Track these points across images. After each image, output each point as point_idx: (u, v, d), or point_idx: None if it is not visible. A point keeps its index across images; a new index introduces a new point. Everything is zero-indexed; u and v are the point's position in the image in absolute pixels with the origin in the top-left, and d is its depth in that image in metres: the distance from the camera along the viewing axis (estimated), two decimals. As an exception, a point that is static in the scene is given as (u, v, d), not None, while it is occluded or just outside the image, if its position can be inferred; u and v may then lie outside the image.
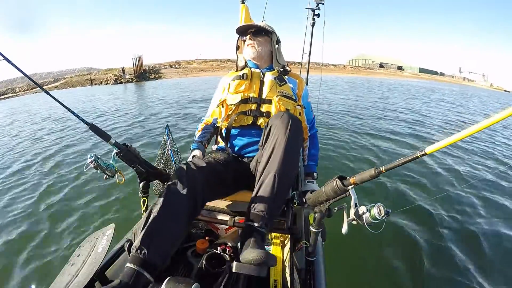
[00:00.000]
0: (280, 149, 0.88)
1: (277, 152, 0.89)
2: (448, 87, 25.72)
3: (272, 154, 0.90)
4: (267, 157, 0.91)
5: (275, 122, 0.94)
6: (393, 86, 18.58)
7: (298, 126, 0.94)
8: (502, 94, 30.35)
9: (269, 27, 1.29)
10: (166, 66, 27.15)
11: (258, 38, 1.28)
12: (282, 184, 0.88)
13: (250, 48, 1.28)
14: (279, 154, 0.88)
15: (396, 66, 55.00)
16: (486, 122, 0.52)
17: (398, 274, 1.82)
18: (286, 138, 0.89)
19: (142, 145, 4.42)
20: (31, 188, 3.07)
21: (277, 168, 0.87)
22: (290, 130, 0.90)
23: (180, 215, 0.82)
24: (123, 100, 10.08)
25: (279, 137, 0.90)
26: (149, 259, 0.70)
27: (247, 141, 1.19)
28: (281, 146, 0.89)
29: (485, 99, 17.83)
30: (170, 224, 0.78)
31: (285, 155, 0.88)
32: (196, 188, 0.87)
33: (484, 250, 2.10)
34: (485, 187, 3.12)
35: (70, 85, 18.66)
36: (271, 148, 0.91)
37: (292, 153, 0.91)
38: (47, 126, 6.37)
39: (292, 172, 0.94)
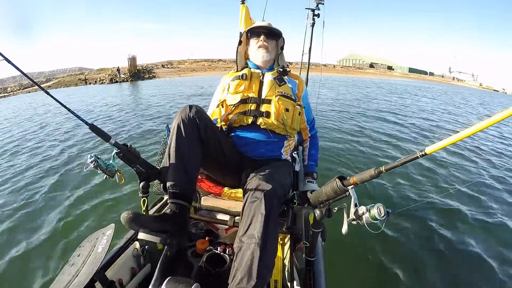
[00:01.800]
0: (258, 219, 0.79)
1: (256, 221, 0.79)
2: (436, 86, 26.80)
3: (251, 223, 0.80)
4: (246, 226, 0.80)
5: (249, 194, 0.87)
6: (379, 84, 20.05)
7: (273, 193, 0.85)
8: (489, 93, 31.36)
9: (279, 31, 1.30)
10: (159, 66, 27.34)
11: (271, 41, 1.29)
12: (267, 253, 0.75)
13: (263, 50, 1.27)
14: (258, 224, 0.78)
15: (386, 66, 55.42)
16: (486, 122, 0.52)
17: (398, 274, 1.82)
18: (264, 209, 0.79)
19: (142, 145, 4.42)
20: (31, 188, 3.07)
21: (258, 237, 0.75)
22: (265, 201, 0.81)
23: (193, 145, 0.96)
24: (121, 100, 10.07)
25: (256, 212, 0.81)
26: (183, 192, 0.91)
27: (246, 141, 1.19)
28: (259, 216, 0.79)
29: (467, 96, 19.44)
30: (187, 159, 0.94)
31: (265, 223, 0.78)
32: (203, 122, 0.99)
33: (484, 249, 2.10)
34: (485, 187, 3.13)
35: (63, 85, 18.70)
36: (249, 218, 0.81)
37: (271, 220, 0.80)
38: (47, 126, 6.36)
39: (274, 238, 0.83)
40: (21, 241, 2.17)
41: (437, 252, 2.05)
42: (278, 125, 1.17)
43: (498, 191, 3.05)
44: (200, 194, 1.15)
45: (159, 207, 1.37)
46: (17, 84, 18.99)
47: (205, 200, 1.14)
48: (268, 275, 0.76)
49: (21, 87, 18.20)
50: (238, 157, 1.16)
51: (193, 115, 0.97)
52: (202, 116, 1.00)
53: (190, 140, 0.96)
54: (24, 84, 18.71)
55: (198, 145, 0.99)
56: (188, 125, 0.96)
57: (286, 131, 1.20)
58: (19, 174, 3.52)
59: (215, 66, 29.59)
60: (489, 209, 2.68)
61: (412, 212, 2.48)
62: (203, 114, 1.02)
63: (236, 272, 0.73)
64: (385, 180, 3.01)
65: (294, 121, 1.20)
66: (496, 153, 4.62)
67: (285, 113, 1.17)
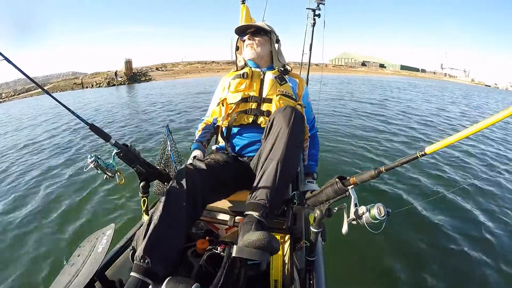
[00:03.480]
0: (283, 139, 0.89)
1: (280, 141, 0.89)
2: (425, 82, 28.60)
3: (275, 144, 0.90)
4: (270, 146, 0.91)
5: (278, 115, 0.95)
6: (368, 81, 21.98)
7: (300, 119, 0.95)
8: (481, 88, 32.85)
9: (268, 26, 1.28)
10: (153, 69, 27.72)
11: (257, 38, 1.27)
12: (285, 172, 0.87)
13: (250, 48, 1.27)
14: (282, 143, 0.88)
15: (378, 64, 55.87)
16: (486, 122, 0.52)
17: (398, 274, 1.82)
18: (289, 129, 0.89)
19: (142, 145, 4.42)
20: (31, 188, 3.07)
21: (280, 156, 0.87)
22: (293, 121, 0.91)
23: (180, 220, 0.82)
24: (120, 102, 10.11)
25: (282, 128, 0.90)
26: (152, 268, 0.71)
27: (247, 141, 1.19)
28: (284, 136, 0.89)
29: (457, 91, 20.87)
30: (171, 231, 0.79)
31: (288, 144, 0.88)
32: (195, 192, 0.87)
33: (484, 249, 2.10)
34: (486, 186, 3.12)
35: (59, 89, 18.84)
36: (274, 138, 0.91)
37: (294, 144, 0.92)
38: (46, 126, 6.37)
39: (294, 163, 0.94)
40: (21, 241, 2.17)
41: (437, 251, 2.05)
42: None
43: (499, 191, 3.05)
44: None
45: None
46: (11, 90, 19.05)
47: (205, 200, 1.13)
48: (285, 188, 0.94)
49: (15, 93, 18.23)
50: (238, 165, 1.13)
51: (189, 187, 0.86)
52: (197, 183, 0.89)
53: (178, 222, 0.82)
54: (19, 90, 18.80)
55: (189, 221, 0.87)
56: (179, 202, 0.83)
57: None
58: (19, 174, 3.52)
59: (208, 68, 30.07)
60: (489, 208, 2.68)
61: (412, 212, 2.48)
62: (198, 177, 0.91)
63: (260, 181, 0.87)
64: (385, 180, 3.01)
65: None
66: (497, 152, 4.62)
67: None
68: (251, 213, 0.82)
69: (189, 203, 0.84)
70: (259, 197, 0.84)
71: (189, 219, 0.86)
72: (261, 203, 0.83)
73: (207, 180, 0.94)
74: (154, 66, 30.02)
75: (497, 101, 16.91)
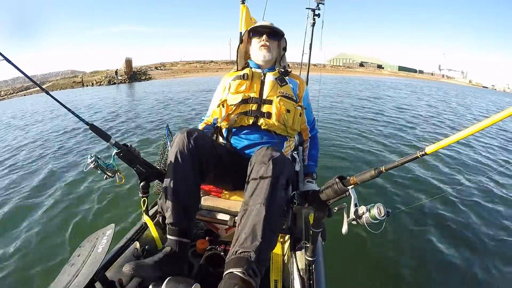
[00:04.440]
0: (264, 183, 0.79)
1: (262, 187, 0.79)
2: (420, 83, 29.07)
3: (256, 190, 0.80)
4: (249, 194, 0.81)
5: (256, 163, 0.86)
6: (365, 82, 22.36)
7: (280, 163, 0.84)
8: (479, 89, 33.41)
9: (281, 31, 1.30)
10: (152, 68, 27.87)
11: (273, 41, 1.27)
12: (271, 215, 0.75)
13: (265, 50, 1.25)
14: (264, 188, 0.78)
15: (376, 65, 56.21)
16: (486, 122, 0.52)
17: (398, 274, 1.82)
18: (270, 177, 0.79)
19: (142, 145, 4.42)
20: (31, 188, 3.07)
21: (263, 199, 0.75)
22: (273, 168, 0.80)
23: (190, 181, 0.94)
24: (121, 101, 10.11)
25: (262, 176, 0.81)
26: (182, 228, 0.89)
27: (247, 142, 1.19)
28: (265, 181, 0.79)
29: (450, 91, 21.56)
30: (186, 194, 0.92)
31: (271, 187, 0.78)
32: (200, 153, 0.95)
33: (484, 249, 2.10)
34: (486, 186, 3.12)
35: (58, 88, 18.86)
36: (254, 185, 0.81)
37: (278, 186, 0.81)
38: (46, 125, 6.37)
39: (280, 205, 0.82)
40: (20, 241, 2.17)
41: (437, 251, 2.05)
42: (279, 126, 1.17)
43: (500, 190, 3.05)
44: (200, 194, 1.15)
45: (160, 207, 1.36)
46: (10, 88, 19.07)
47: (205, 200, 1.14)
48: (274, 238, 0.77)
49: (14, 91, 18.25)
50: (240, 163, 1.14)
51: (192, 145, 0.93)
52: (201, 141, 0.95)
53: (189, 172, 0.93)
54: (18, 88, 18.82)
55: (197, 176, 0.96)
56: (186, 157, 0.92)
57: (287, 132, 1.20)
58: (19, 174, 3.52)
59: (207, 68, 30.29)
60: (490, 208, 2.68)
61: (412, 212, 2.48)
62: (202, 138, 0.97)
63: (241, 232, 0.73)
64: (385, 180, 3.01)
65: (295, 122, 1.19)
66: (497, 152, 4.62)
67: (286, 114, 1.17)
68: (231, 270, 0.65)
69: (194, 164, 0.94)
70: (241, 250, 0.69)
71: (198, 179, 0.97)
72: (245, 256, 0.67)
73: (211, 150, 1.01)
74: (153, 65, 30.20)
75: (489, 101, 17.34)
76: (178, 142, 0.93)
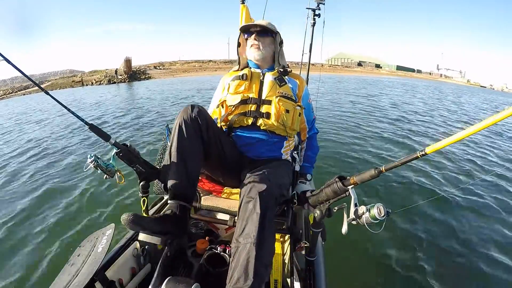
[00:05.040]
0: (254, 219, 0.78)
1: (251, 222, 0.79)
2: (418, 82, 29.70)
3: (246, 225, 0.79)
4: (241, 228, 0.80)
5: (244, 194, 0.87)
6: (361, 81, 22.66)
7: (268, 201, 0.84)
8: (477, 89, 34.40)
9: (273, 27, 1.27)
10: (151, 67, 27.91)
11: (263, 38, 1.25)
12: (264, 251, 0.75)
13: (255, 49, 1.24)
14: (253, 224, 0.78)
15: (374, 64, 56.33)
16: (486, 122, 0.52)
17: (397, 274, 1.82)
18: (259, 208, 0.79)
19: (142, 145, 4.42)
20: (31, 188, 3.07)
21: (254, 236, 0.75)
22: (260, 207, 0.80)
23: (194, 146, 0.96)
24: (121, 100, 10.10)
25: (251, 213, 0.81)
26: (184, 192, 0.92)
27: (247, 142, 1.19)
28: (254, 217, 0.79)
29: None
30: (189, 159, 0.94)
31: (260, 224, 0.77)
32: (205, 122, 0.99)
33: (484, 249, 2.10)
34: (486, 186, 3.12)
35: (58, 87, 18.82)
36: (245, 221, 0.81)
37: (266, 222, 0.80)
38: (46, 126, 6.37)
39: (270, 241, 0.82)
40: (20, 241, 2.17)
41: (437, 251, 2.05)
42: (278, 126, 1.16)
43: (501, 190, 3.05)
44: (200, 194, 1.15)
45: (159, 207, 1.37)
46: (8, 87, 19.08)
47: (205, 200, 1.14)
48: (266, 273, 0.76)
49: (13, 90, 18.25)
50: (238, 157, 1.15)
51: (195, 115, 0.97)
52: (204, 116, 1.00)
53: (192, 141, 0.96)
54: (17, 87, 18.82)
55: (200, 145, 0.99)
56: (190, 125, 0.96)
57: (286, 132, 1.20)
58: (19, 173, 3.52)
59: (205, 67, 30.40)
60: (490, 208, 2.68)
61: (412, 212, 2.48)
62: (205, 113, 1.02)
63: (233, 272, 0.73)
64: (385, 180, 3.00)
65: (294, 122, 1.19)
66: (497, 152, 4.62)
67: (285, 114, 1.16)
68: None
69: (197, 134, 0.97)
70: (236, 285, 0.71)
71: (201, 143, 0.99)
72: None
73: (216, 129, 1.06)
74: (152, 64, 30.24)
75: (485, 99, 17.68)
76: (183, 112, 0.98)
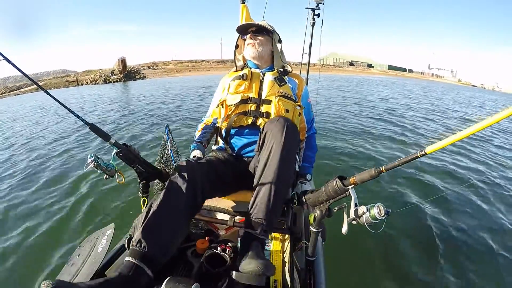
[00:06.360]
0: (276, 157, 0.89)
1: (273, 160, 0.89)
2: (408, 81, 30.91)
3: (268, 162, 0.90)
4: (262, 165, 0.91)
5: (270, 127, 0.95)
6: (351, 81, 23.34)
7: (293, 131, 0.95)
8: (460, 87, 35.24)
9: (270, 26, 1.28)
10: (145, 67, 28.10)
11: (259, 37, 1.26)
12: (279, 192, 0.89)
13: (251, 48, 1.25)
14: (274, 162, 0.89)
15: (366, 64, 56.65)
16: (486, 122, 0.52)
17: (398, 274, 1.82)
18: (282, 145, 0.89)
19: (142, 145, 4.42)
20: (31, 188, 3.07)
21: (273, 177, 0.88)
22: (286, 136, 0.91)
23: (180, 209, 0.83)
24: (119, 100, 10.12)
25: (274, 144, 0.91)
26: (149, 253, 0.69)
27: (246, 141, 1.20)
28: (276, 154, 0.89)
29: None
30: (170, 218, 0.79)
31: (281, 162, 0.89)
32: (196, 183, 0.88)
33: (484, 249, 2.10)
34: (485, 186, 3.12)
35: (52, 87, 18.86)
36: (266, 156, 0.91)
37: (288, 160, 0.92)
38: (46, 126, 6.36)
39: (288, 179, 0.96)
40: (20, 241, 2.17)
41: (438, 251, 2.05)
42: None
43: (499, 190, 3.05)
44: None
45: None
46: (2, 87, 19.12)
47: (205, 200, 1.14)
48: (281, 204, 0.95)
49: (6, 90, 18.28)
50: (238, 165, 1.14)
51: (189, 177, 0.87)
52: (197, 174, 0.90)
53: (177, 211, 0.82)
54: (10, 87, 18.86)
55: (188, 212, 0.87)
56: (179, 192, 0.83)
57: None
58: (19, 173, 3.52)
59: (198, 67, 30.79)
60: (491, 208, 2.68)
61: (412, 212, 2.48)
62: (198, 169, 0.92)
63: (256, 201, 0.88)
64: (385, 180, 3.00)
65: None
66: (497, 152, 4.62)
67: (285, 114, 1.17)
68: (249, 230, 0.86)
69: (189, 193, 0.85)
70: (256, 216, 0.87)
71: (188, 210, 0.87)
72: (259, 221, 0.86)
73: (208, 173, 0.96)
74: (146, 64, 30.52)
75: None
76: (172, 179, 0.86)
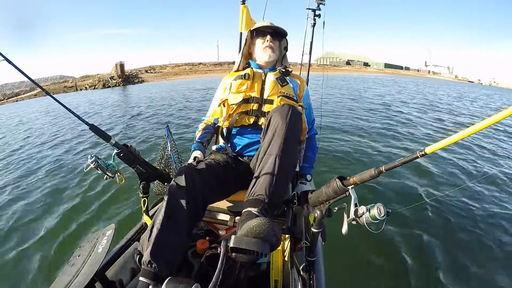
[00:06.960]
0: (280, 134, 0.90)
1: (278, 136, 0.90)
2: (408, 79, 31.18)
3: (273, 139, 0.91)
4: (268, 142, 0.92)
5: (275, 113, 0.96)
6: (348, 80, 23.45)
7: (297, 115, 0.96)
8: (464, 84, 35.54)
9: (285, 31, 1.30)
10: (142, 71, 28.29)
11: (276, 41, 1.29)
12: (284, 166, 0.87)
13: (270, 51, 1.26)
14: (280, 138, 0.90)
15: (362, 63, 56.97)
16: (486, 122, 0.52)
17: (398, 274, 1.82)
18: (286, 124, 0.91)
19: (142, 145, 4.42)
20: (31, 188, 3.07)
21: (278, 150, 0.87)
22: (290, 117, 0.92)
23: (182, 222, 0.83)
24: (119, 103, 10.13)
25: (279, 124, 0.92)
26: (159, 272, 0.74)
27: (248, 141, 1.19)
28: (281, 131, 0.90)
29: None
30: (174, 234, 0.81)
31: (286, 138, 0.89)
32: (196, 191, 0.87)
33: (484, 249, 2.10)
34: (485, 186, 3.12)
35: (51, 92, 18.92)
36: (271, 135, 0.92)
37: (292, 138, 0.93)
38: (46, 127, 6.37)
39: (293, 156, 0.96)
40: (21, 241, 2.17)
41: (438, 251, 2.05)
42: None
43: (499, 190, 3.05)
44: None
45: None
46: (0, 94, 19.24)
47: (205, 200, 1.13)
48: (287, 185, 0.95)
49: (5, 97, 18.37)
50: (238, 166, 1.14)
51: (189, 186, 0.87)
52: (198, 185, 0.89)
53: (180, 224, 0.83)
54: (8, 94, 18.95)
55: (191, 222, 0.87)
56: (179, 203, 0.84)
57: None
58: (19, 173, 3.52)
59: (196, 70, 31.06)
60: (491, 207, 2.67)
61: (412, 212, 2.48)
62: (199, 179, 0.91)
63: (258, 178, 0.86)
64: (385, 180, 3.00)
65: None
66: (496, 152, 4.61)
67: None
68: (249, 209, 0.81)
69: (189, 203, 0.85)
70: (257, 193, 0.83)
71: (190, 220, 0.87)
72: (260, 198, 0.82)
73: (207, 180, 0.94)
74: (143, 68, 30.67)
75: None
76: (172, 188, 0.86)
